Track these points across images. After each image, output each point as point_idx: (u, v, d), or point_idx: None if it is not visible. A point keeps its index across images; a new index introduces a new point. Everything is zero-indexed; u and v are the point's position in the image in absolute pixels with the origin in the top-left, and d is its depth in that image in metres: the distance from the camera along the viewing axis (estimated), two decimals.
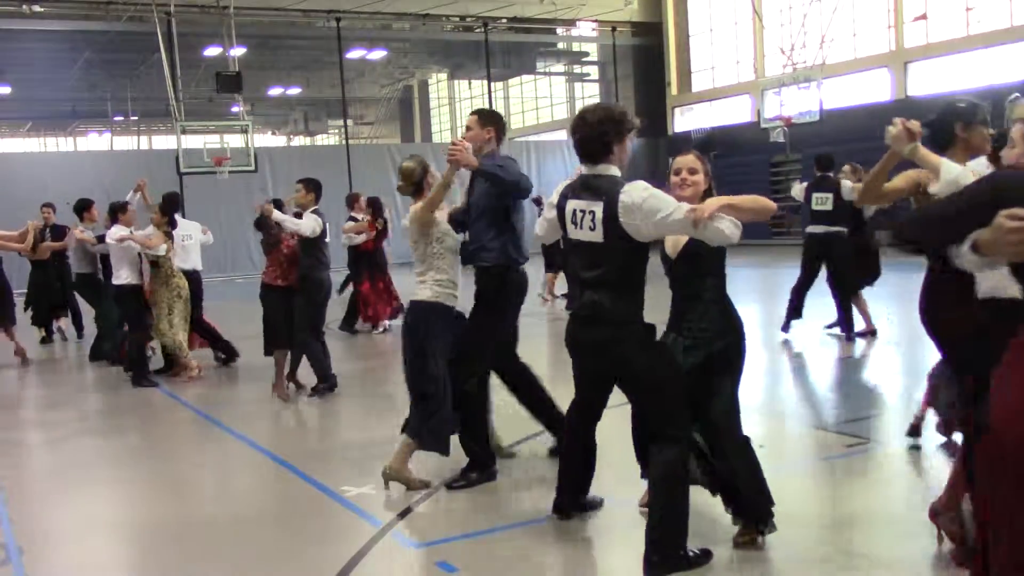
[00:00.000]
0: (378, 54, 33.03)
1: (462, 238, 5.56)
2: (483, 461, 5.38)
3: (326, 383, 8.15)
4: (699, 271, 4.07)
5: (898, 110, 19.46)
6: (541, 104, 39.54)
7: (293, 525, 4.87)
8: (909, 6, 24.33)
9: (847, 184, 9.57)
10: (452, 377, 5.26)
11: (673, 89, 31.66)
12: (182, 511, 5.28)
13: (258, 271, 13.00)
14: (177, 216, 9.73)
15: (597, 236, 3.91)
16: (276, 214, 8.05)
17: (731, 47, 29.71)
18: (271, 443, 6.68)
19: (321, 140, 47.42)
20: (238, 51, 24.42)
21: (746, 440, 4.13)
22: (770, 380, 8.30)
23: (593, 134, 3.95)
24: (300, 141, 46.52)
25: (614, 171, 3.98)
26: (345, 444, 6.81)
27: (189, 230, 10.09)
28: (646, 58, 31.78)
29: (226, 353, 9.95)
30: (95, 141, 45.37)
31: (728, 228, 3.74)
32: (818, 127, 22.86)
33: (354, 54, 31.51)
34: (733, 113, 29.38)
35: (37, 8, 24.67)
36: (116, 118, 38.83)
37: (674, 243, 4.10)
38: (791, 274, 10.29)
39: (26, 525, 5.06)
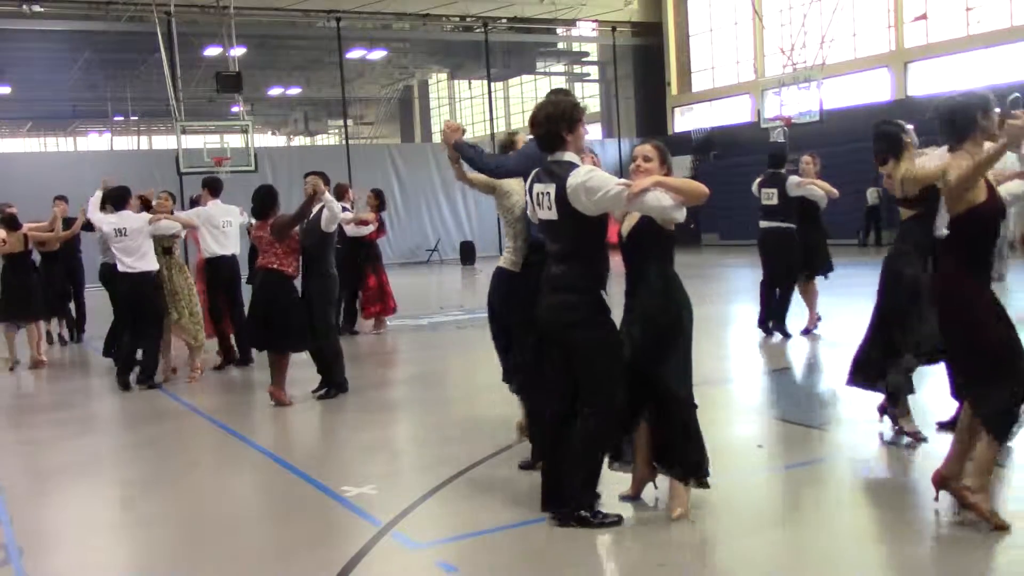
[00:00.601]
0: (378, 54, 33.04)
1: None
2: None
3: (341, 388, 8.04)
4: (644, 252, 4.48)
5: (898, 110, 19.74)
6: None
7: (293, 525, 4.86)
8: (909, 6, 24.33)
9: (792, 180, 9.67)
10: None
11: (673, 89, 31.66)
12: (182, 511, 5.28)
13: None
14: (217, 200, 9.72)
15: (553, 214, 4.37)
16: (327, 195, 7.82)
17: (731, 47, 29.72)
18: (271, 443, 6.68)
19: (321, 140, 47.44)
20: (238, 51, 24.42)
21: (695, 405, 4.56)
22: (768, 380, 8.29)
23: (547, 130, 4.41)
24: (300, 141, 46.54)
25: (569, 157, 4.42)
26: (345, 444, 6.81)
27: (229, 215, 9.83)
28: (646, 58, 31.79)
29: (243, 352, 9.80)
30: (95, 141, 45.38)
31: (660, 201, 4.18)
32: (818, 127, 22.86)
33: (354, 54, 31.52)
34: (733, 113, 29.38)
35: (37, 8, 24.67)
36: (116, 118, 38.85)
37: (628, 225, 4.49)
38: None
39: (26, 525, 5.06)
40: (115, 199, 9.08)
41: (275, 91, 38.26)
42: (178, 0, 23.48)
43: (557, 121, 4.39)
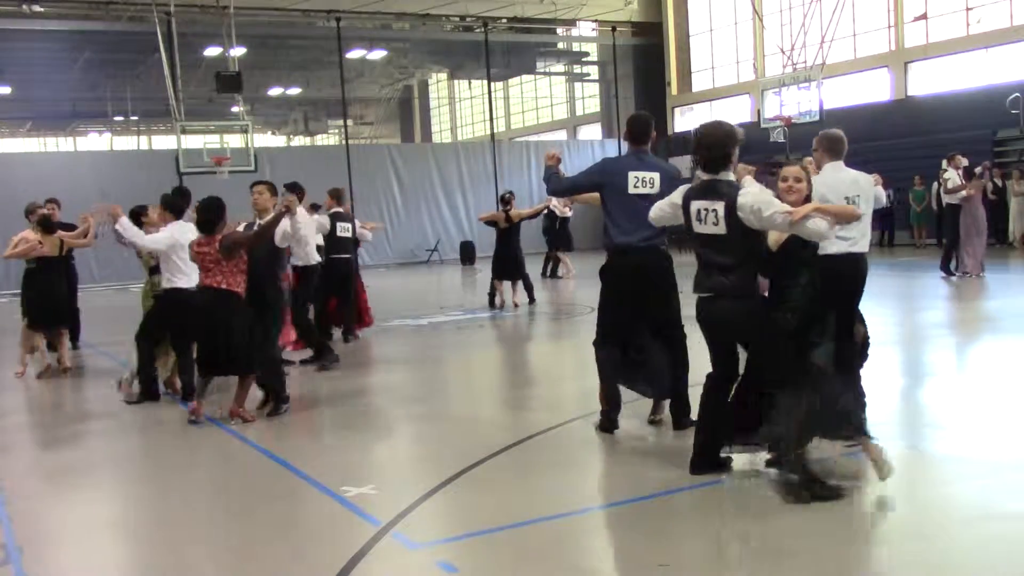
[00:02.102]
0: (378, 54, 33.04)
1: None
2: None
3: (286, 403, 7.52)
4: (796, 261, 4.96)
5: (898, 110, 19.76)
6: (541, 104, 39.54)
7: (293, 525, 4.86)
8: (909, 6, 24.33)
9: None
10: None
11: (673, 89, 31.65)
12: (182, 511, 5.28)
13: None
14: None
15: (721, 229, 4.86)
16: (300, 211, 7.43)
17: (731, 47, 29.71)
18: (271, 443, 6.68)
19: (321, 140, 47.43)
20: (238, 51, 24.41)
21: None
22: None
23: (718, 152, 4.94)
24: (300, 141, 46.53)
25: (731, 176, 4.97)
26: (345, 444, 6.81)
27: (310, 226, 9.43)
28: (646, 58, 31.78)
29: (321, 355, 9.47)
30: (95, 141, 45.38)
31: (818, 226, 4.72)
32: (818, 127, 22.81)
33: (354, 54, 31.52)
34: (733, 113, 29.36)
35: (37, 8, 24.67)
36: (116, 118, 38.84)
37: (776, 238, 4.95)
38: None
39: (26, 525, 5.06)
40: (177, 208, 8.20)
41: (275, 91, 38.25)
42: (178, 0, 23.47)
43: (725, 144, 4.96)
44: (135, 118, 39.34)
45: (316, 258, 9.67)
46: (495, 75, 31.35)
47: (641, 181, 6.05)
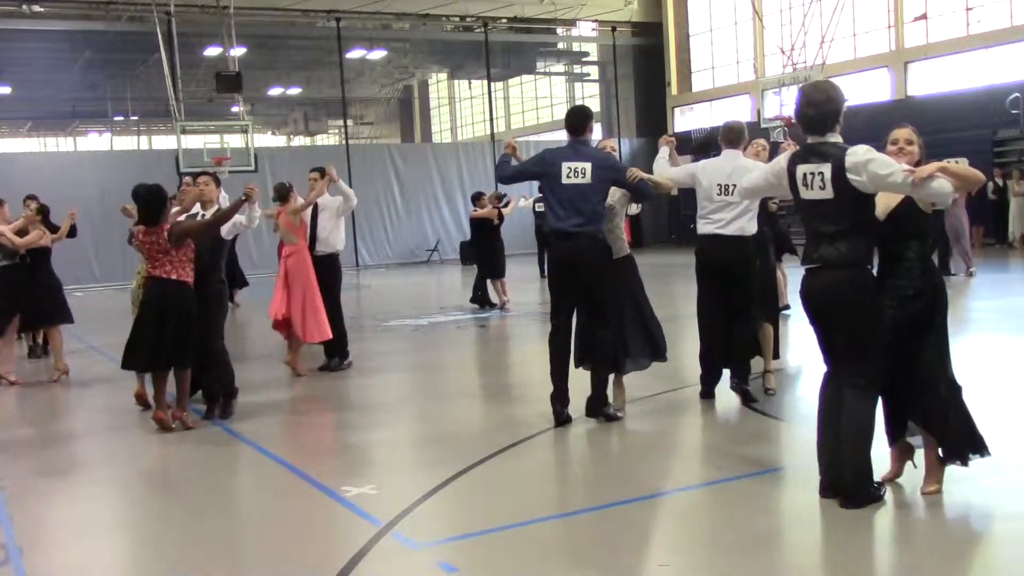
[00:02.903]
0: (378, 54, 33.02)
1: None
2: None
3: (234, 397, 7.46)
4: (904, 233, 4.57)
5: (898, 110, 19.85)
6: (541, 104, 39.53)
7: (293, 525, 4.86)
8: (909, 6, 24.32)
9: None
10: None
11: (673, 89, 31.65)
12: (181, 510, 5.28)
13: (258, 269, 12.97)
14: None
15: (827, 193, 4.49)
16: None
17: (731, 47, 29.71)
18: (271, 443, 6.68)
19: (321, 140, 47.41)
20: (238, 51, 24.42)
21: (959, 387, 4.62)
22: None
23: (826, 110, 4.56)
24: (300, 141, 46.51)
25: (837, 138, 4.60)
26: (345, 444, 6.81)
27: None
28: (646, 58, 31.77)
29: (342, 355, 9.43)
30: (95, 141, 45.36)
31: (943, 187, 4.27)
32: None
33: (354, 54, 31.50)
34: (733, 113, 29.36)
35: (37, 8, 24.67)
36: (116, 118, 38.83)
37: (884, 205, 4.58)
38: (791, 269, 10.34)
39: (26, 525, 5.06)
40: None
41: (275, 91, 38.23)
42: (178, 0, 23.48)
43: (832, 102, 4.57)
44: (135, 118, 39.33)
45: (341, 245, 9.57)
46: (495, 75, 31.35)
47: (573, 171, 6.35)
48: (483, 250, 14.65)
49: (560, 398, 6.51)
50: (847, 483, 4.52)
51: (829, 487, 4.62)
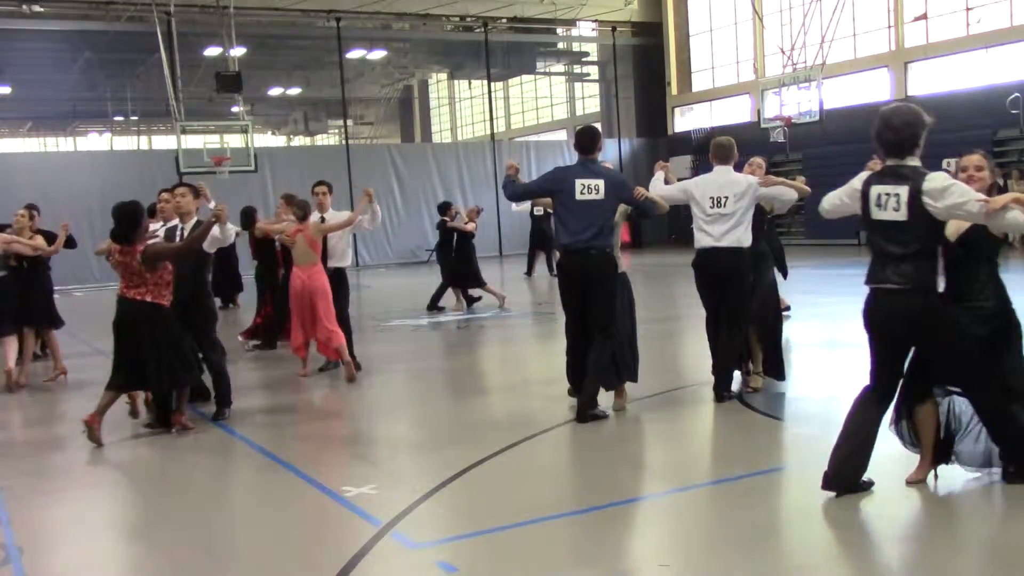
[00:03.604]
0: (378, 54, 33.02)
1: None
2: None
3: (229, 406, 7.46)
4: (976, 255, 4.72)
5: None
6: (541, 104, 39.54)
7: (293, 525, 4.87)
8: (909, 6, 24.32)
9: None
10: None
11: (673, 89, 31.65)
12: (181, 511, 5.28)
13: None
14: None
15: (902, 215, 4.56)
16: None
17: (731, 47, 29.71)
18: (271, 443, 6.68)
19: (321, 140, 47.43)
20: (238, 51, 24.42)
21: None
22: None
23: (903, 136, 4.61)
24: (300, 141, 46.53)
25: (916, 162, 4.65)
26: (345, 444, 6.81)
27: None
28: (646, 58, 31.77)
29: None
30: (95, 141, 45.36)
31: (1018, 219, 4.37)
32: (818, 127, 22.86)
33: (354, 54, 31.50)
34: (733, 113, 29.38)
35: (37, 8, 24.68)
36: (116, 118, 38.83)
37: (956, 228, 4.67)
38: (792, 272, 10.37)
39: (26, 525, 5.06)
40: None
41: (275, 91, 38.23)
42: (178, 0, 23.48)
43: (913, 126, 4.61)
44: (135, 118, 39.32)
45: (349, 260, 9.54)
46: (495, 75, 31.35)
47: (587, 188, 6.66)
48: (460, 259, 14.67)
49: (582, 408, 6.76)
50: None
51: (833, 480, 4.70)
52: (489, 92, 30.61)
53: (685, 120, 31.54)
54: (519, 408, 7.54)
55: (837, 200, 5.08)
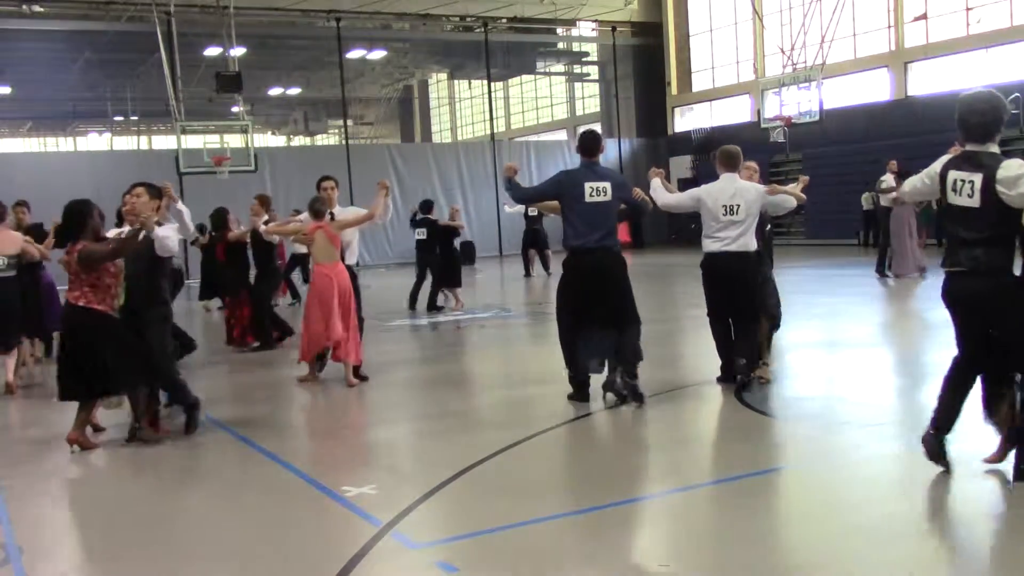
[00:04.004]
0: (378, 54, 33.03)
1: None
2: None
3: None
4: None
5: (898, 110, 19.73)
6: (541, 104, 39.56)
7: (293, 525, 4.86)
8: (909, 6, 24.33)
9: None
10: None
11: (673, 89, 31.66)
12: (182, 511, 5.28)
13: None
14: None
15: (975, 202, 4.63)
16: (159, 230, 6.79)
17: (731, 47, 29.72)
18: (271, 443, 6.68)
19: (321, 140, 47.44)
20: (238, 51, 24.42)
21: None
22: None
23: (988, 120, 4.70)
24: (300, 141, 46.54)
25: (995, 149, 4.72)
26: (345, 444, 6.81)
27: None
28: (646, 58, 31.79)
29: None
30: (95, 141, 45.38)
31: None
32: (818, 127, 22.87)
33: (354, 54, 31.51)
34: (733, 113, 29.40)
35: (37, 8, 24.69)
36: (116, 118, 38.84)
37: None
38: (790, 272, 10.35)
39: (26, 525, 5.06)
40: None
41: (275, 91, 38.25)
42: (178, 0, 23.48)
43: (993, 113, 4.69)
44: (135, 118, 39.34)
45: (356, 256, 9.39)
46: (495, 75, 31.35)
47: (595, 190, 6.94)
48: (447, 259, 14.77)
49: (609, 386, 7.15)
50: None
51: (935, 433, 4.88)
52: (489, 92, 30.62)
53: (685, 120, 31.55)
54: (519, 408, 7.54)
55: (918, 183, 5.14)
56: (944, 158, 4.93)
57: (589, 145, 7.11)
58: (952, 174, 4.76)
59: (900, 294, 13.91)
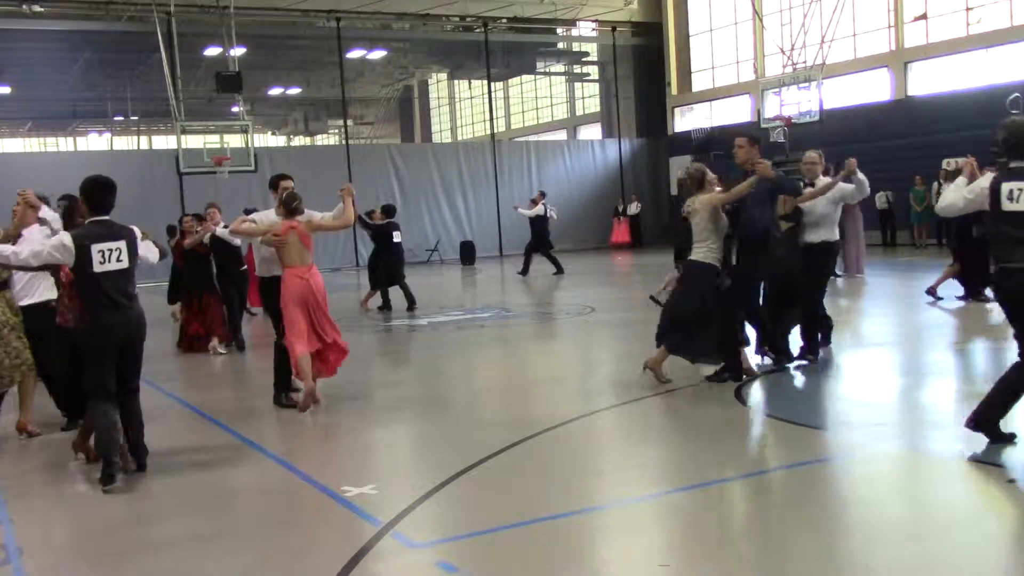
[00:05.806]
0: (378, 54, 33.02)
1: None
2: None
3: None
4: None
5: (898, 110, 19.69)
6: (541, 104, 39.56)
7: (293, 525, 4.86)
8: (909, 6, 24.32)
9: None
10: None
11: (673, 89, 31.64)
12: (181, 511, 5.28)
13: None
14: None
15: None
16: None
17: (731, 47, 29.71)
18: (271, 443, 6.68)
19: (321, 140, 47.43)
20: (238, 51, 24.42)
21: None
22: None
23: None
24: (300, 141, 46.53)
25: None
26: (345, 444, 6.81)
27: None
28: (646, 58, 31.78)
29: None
30: (95, 141, 45.38)
31: None
32: (818, 127, 22.86)
33: (354, 54, 31.50)
34: (733, 113, 29.38)
35: (37, 8, 24.66)
36: (116, 118, 38.84)
37: None
38: None
39: (26, 525, 5.06)
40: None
41: (275, 91, 38.24)
42: (178, 0, 23.48)
43: None
44: (135, 118, 39.35)
45: None
46: (495, 75, 31.35)
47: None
48: (393, 260, 14.88)
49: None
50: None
51: (974, 421, 5.37)
52: (489, 92, 30.62)
53: (685, 120, 31.53)
54: (519, 408, 7.54)
55: (960, 202, 5.74)
56: (989, 175, 5.63)
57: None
58: (1006, 185, 5.42)
59: (899, 294, 13.89)
